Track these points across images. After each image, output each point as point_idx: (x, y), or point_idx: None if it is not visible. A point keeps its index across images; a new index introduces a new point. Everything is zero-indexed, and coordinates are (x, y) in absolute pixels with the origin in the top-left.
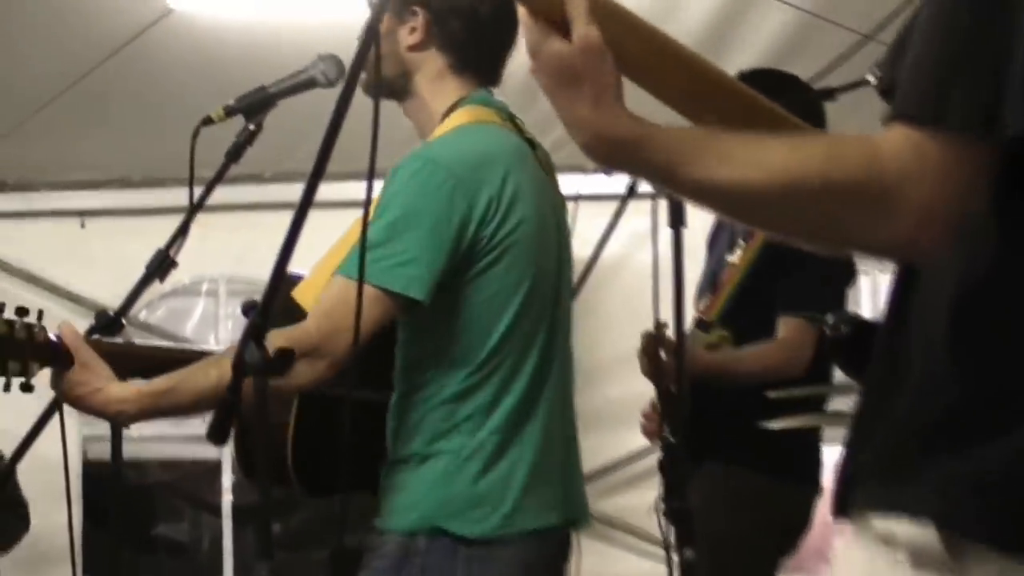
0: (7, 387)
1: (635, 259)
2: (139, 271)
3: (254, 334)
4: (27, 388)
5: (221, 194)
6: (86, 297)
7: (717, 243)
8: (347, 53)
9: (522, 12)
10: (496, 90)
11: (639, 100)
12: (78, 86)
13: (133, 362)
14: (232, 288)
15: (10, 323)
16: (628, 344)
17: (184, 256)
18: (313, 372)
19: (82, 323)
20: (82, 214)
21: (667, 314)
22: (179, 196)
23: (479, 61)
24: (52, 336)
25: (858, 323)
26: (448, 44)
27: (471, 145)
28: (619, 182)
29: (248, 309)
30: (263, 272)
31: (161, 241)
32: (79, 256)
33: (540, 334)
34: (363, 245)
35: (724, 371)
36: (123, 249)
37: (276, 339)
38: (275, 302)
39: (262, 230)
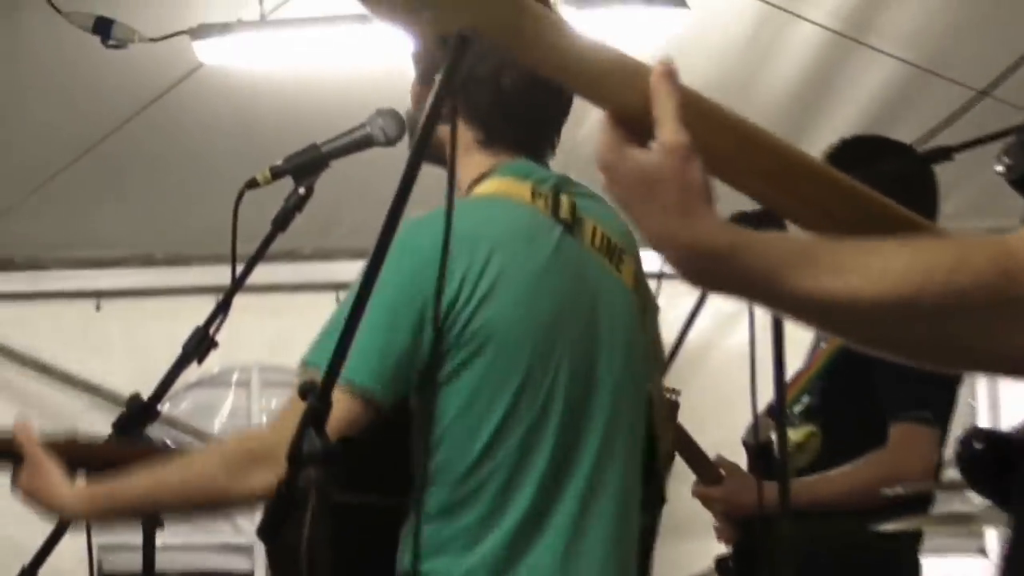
0: None
1: (723, 344)
2: (160, 358)
3: (313, 420)
4: None
5: (253, 273)
6: (102, 387)
7: None
8: (401, 106)
9: (603, 117)
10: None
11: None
12: (95, 151)
13: (92, 459)
14: (266, 378)
15: None
16: (715, 440)
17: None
18: (270, 481)
19: (99, 416)
20: (98, 295)
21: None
22: (206, 275)
23: (509, 134)
24: (4, 435)
25: (994, 438)
26: (473, 116)
27: (459, 221)
28: None
29: (306, 392)
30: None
31: (185, 325)
32: (94, 342)
33: (547, 439)
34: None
35: (812, 502)
36: (143, 334)
37: (232, 442)
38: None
39: (300, 313)
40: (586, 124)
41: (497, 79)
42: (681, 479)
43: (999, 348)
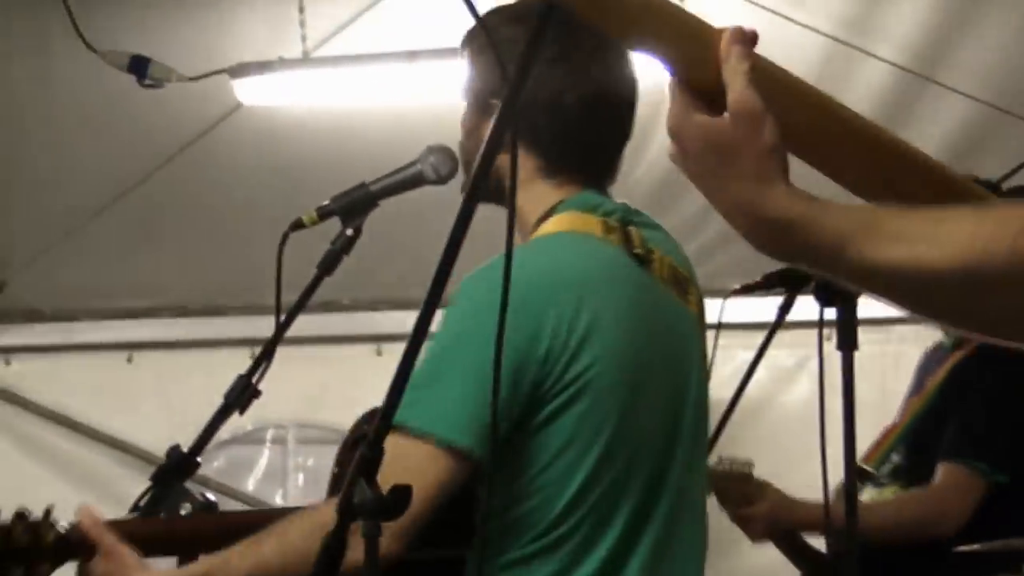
0: None
1: (781, 399)
2: (194, 413)
3: (364, 470)
4: None
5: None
6: (134, 444)
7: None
8: (451, 143)
9: (670, 83)
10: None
11: None
12: (128, 196)
13: (165, 542)
14: (302, 435)
15: (6, 529)
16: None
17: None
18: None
19: (129, 474)
20: (130, 347)
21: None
22: (241, 326)
23: (573, 160)
24: (63, 528)
25: None
26: (537, 144)
27: (540, 265)
28: (763, 308)
29: (358, 440)
30: (340, 417)
31: (219, 379)
32: (126, 396)
33: (632, 492)
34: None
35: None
36: (176, 388)
37: (323, 514)
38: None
39: (338, 366)
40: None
41: (559, 101)
42: None
43: None
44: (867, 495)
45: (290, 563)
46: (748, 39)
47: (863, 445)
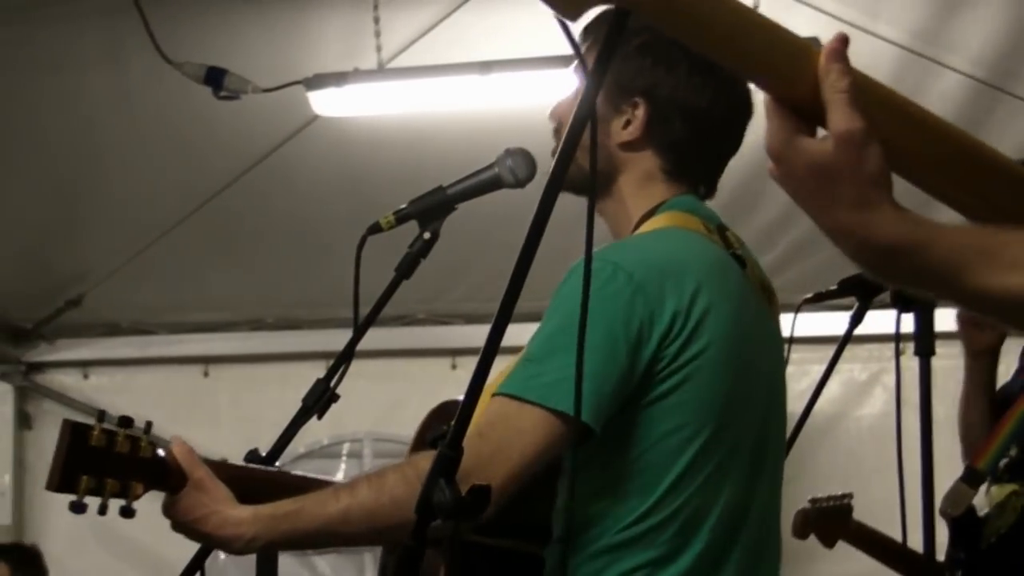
0: (103, 510)
1: (854, 414)
2: (270, 425)
3: (444, 469)
4: (127, 513)
5: (365, 338)
6: (210, 457)
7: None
8: (536, 150)
9: (766, 101)
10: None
11: None
12: (205, 209)
13: (258, 487)
14: (378, 449)
15: (110, 434)
16: None
17: None
18: None
19: None
20: (206, 361)
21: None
22: (318, 340)
23: (698, 168)
24: (160, 452)
25: None
26: (667, 145)
27: (661, 250)
28: (838, 322)
29: (436, 439)
30: (415, 430)
31: (295, 392)
32: (202, 409)
33: (729, 489)
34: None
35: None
36: (252, 401)
37: (424, 461)
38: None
39: (413, 379)
40: None
41: (708, 109)
42: None
43: None
44: (962, 497)
45: (384, 506)
46: (844, 54)
47: (940, 461)
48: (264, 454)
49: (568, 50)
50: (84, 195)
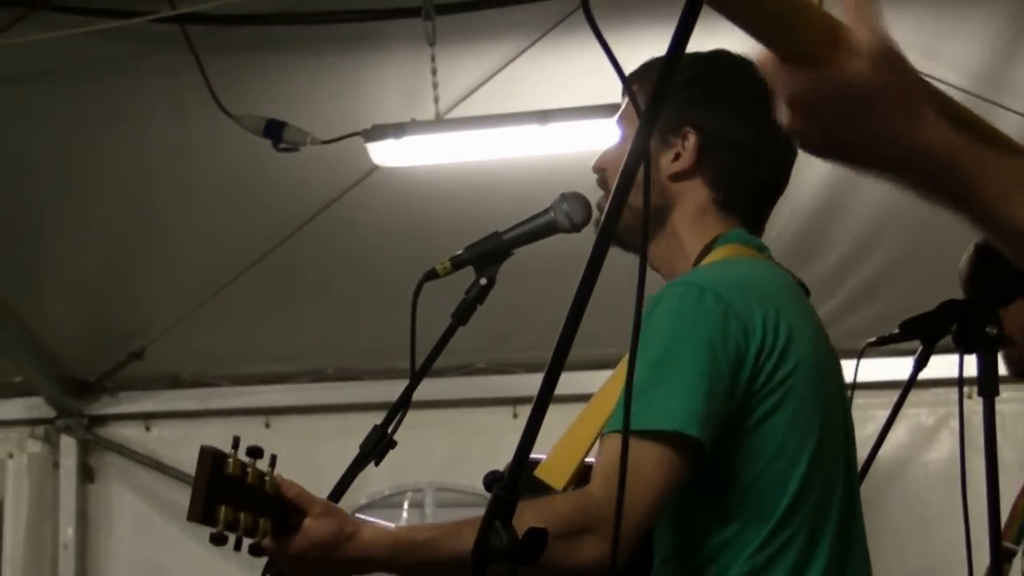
0: (238, 546)
1: (921, 459)
2: (332, 477)
3: (499, 513)
4: (257, 552)
5: (426, 388)
6: None
7: None
8: (592, 196)
9: (763, 59)
10: None
11: None
12: (264, 261)
13: None
14: (440, 499)
15: (244, 465)
16: (915, 567)
17: (382, 463)
18: (597, 550)
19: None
20: (267, 412)
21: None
22: (378, 390)
23: (747, 201)
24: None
25: None
26: (717, 176)
27: (738, 273)
28: (903, 366)
29: (491, 482)
30: (477, 480)
31: (357, 443)
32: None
33: (833, 513)
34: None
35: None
36: (314, 452)
37: (561, 504)
38: (522, 474)
39: (474, 429)
40: (774, 227)
41: (753, 142)
42: None
43: None
44: (1017, 569)
45: None
46: None
47: (1006, 506)
48: None
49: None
50: (145, 248)
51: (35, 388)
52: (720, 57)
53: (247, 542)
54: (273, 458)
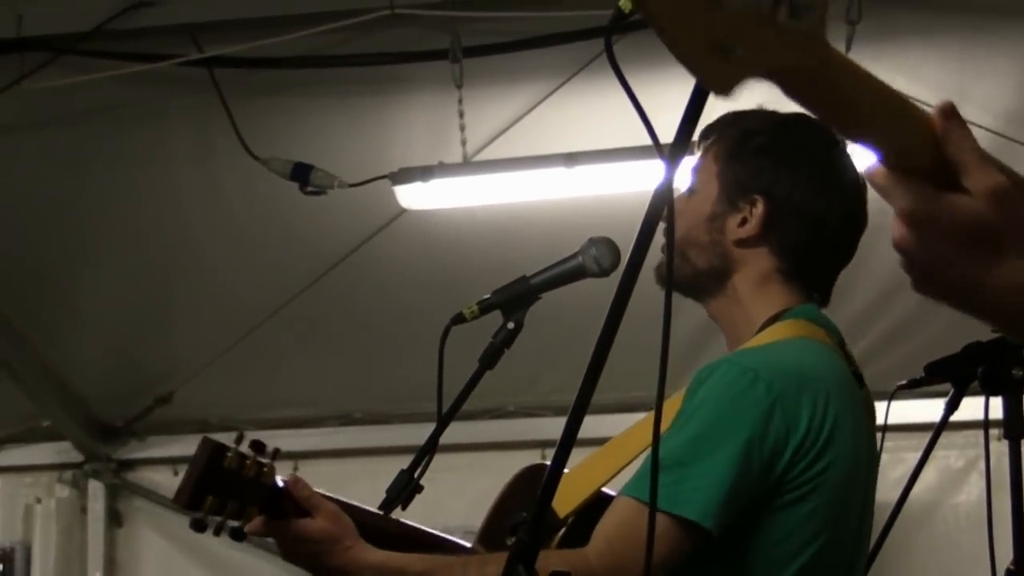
0: (218, 531)
1: (950, 501)
2: None
3: (523, 557)
4: (239, 535)
5: (455, 431)
6: None
7: None
8: (619, 239)
9: (879, 175)
10: None
11: None
12: (292, 304)
13: (380, 535)
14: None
15: (243, 457)
16: None
17: (411, 507)
18: None
19: None
20: (295, 457)
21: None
22: (406, 434)
23: (813, 272)
24: (280, 481)
25: None
26: (783, 246)
27: (796, 361)
28: (933, 409)
29: (516, 526)
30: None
31: (385, 487)
32: None
33: None
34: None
35: None
36: (343, 496)
37: (556, 563)
38: (545, 522)
39: (504, 472)
40: None
41: (823, 214)
42: None
43: None
44: None
45: None
46: (957, 112)
47: None
48: None
49: (662, 138)
50: (172, 292)
51: (63, 433)
52: (797, 123)
53: (231, 526)
54: (276, 451)
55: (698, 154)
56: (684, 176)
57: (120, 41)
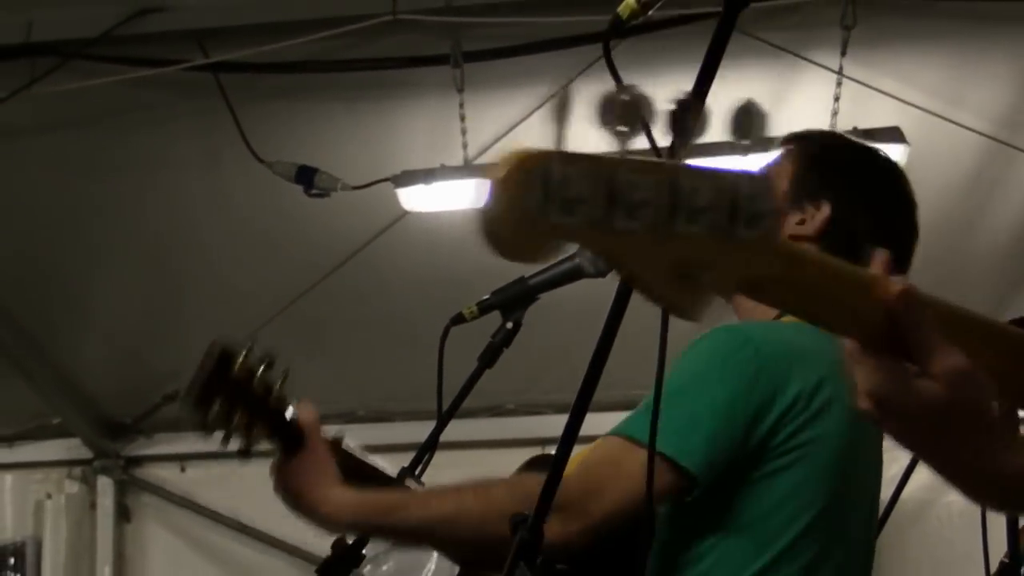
0: (227, 439)
1: (942, 500)
2: None
3: (524, 554)
4: (245, 454)
5: (456, 429)
6: (305, 550)
7: None
8: None
9: (848, 347)
10: None
11: None
12: (297, 305)
13: (355, 473)
14: None
15: (251, 371)
16: None
17: None
18: (560, 531)
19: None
20: None
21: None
22: (409, 432)
23: None
24: (290, 410)
25: None
26: (829, 251)
27: (791, 337)
28: None
29: (517, 524)
30: None
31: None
32: None
33: (828, 570)
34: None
35: None
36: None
37: (528, 481)
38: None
39: (505, 470)
40: None
41: (885, 242)
42: None
43: None
44: None
45: (491, 519)
46: (911, 286)
47: None
48: (351, 540)
49: (645, 143)
50: (179, 293)
51: (73, 430)
52: (879, 156)
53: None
54: (286, 373)
55: (777, 154)
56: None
57: (127, 46)
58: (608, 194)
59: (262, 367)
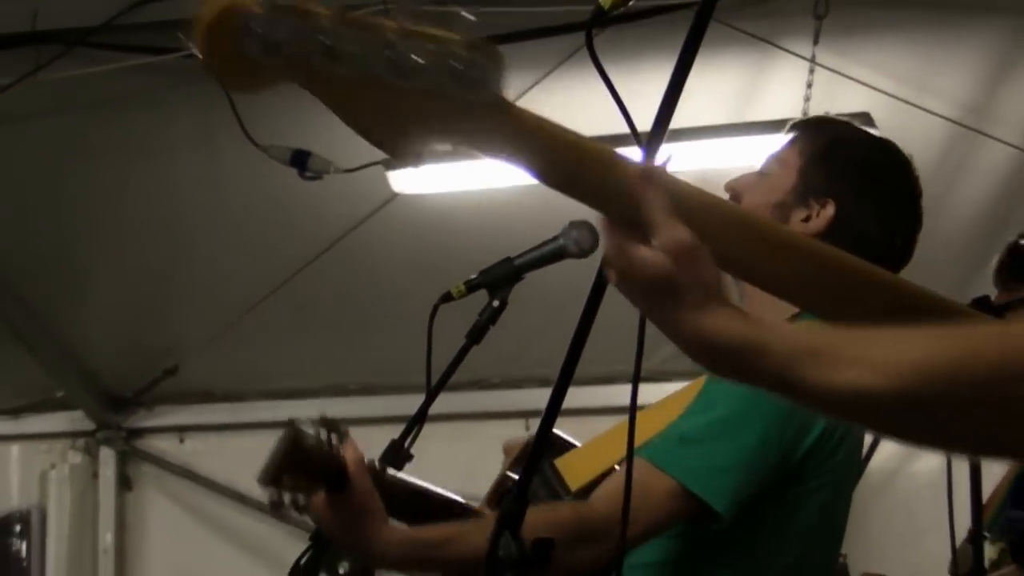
0: (296, 507)
1: (909, 469)
2: None
3: (509, 523)
4: (301, 508)
5: (442, 402)
6: (300, 518)
7: None
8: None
9: (600, 219)
10: None
11: None
12: (291, 283)
13: (403, 503)
14: None
15: (318, 443)
16: (903, 574)
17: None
18: (591, 558)
19: (293, 543)
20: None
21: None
22: (397, 404)
23: None
24: (342, 459)
25: None
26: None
27: None
28: None
29: (503, 494)
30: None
31: (376, 454)
32: None
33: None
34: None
35: None
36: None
37: (564, 512)
38: (530, 488)
39: (490, 442)
40: None
41: (879, 243)
42: None
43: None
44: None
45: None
46: (654, 169)
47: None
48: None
49: (639, 128)
50: (178, 271)
51: (76, 403)
52: (888, 150)
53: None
54: (345, 433)
55: (784, 143)
56: (761, 158)
57: (130, 34)
58: (313, 40)
59: (326, 437)
